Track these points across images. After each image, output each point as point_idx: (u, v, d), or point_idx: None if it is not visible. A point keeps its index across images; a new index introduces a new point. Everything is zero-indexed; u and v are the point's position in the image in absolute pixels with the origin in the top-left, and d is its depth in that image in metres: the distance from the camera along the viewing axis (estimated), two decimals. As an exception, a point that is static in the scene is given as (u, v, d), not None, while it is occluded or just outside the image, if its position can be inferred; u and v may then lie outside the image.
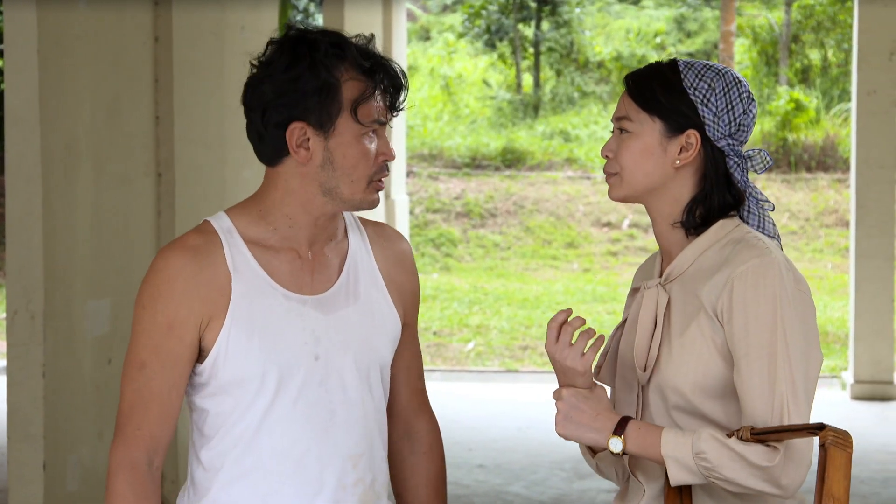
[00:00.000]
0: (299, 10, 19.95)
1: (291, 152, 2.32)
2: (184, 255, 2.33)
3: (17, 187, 4.80)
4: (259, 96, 2.34)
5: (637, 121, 2.34)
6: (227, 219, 2.39)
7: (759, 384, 2.21)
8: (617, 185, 2.37)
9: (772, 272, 2.24)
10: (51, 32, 4.80)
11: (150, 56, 5.67)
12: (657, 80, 2.35)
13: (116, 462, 2.32)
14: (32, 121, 4.76)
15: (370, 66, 2.32)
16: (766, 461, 2.18)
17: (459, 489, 6.79)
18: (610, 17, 24.46)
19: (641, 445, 2.25)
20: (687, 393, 2.28)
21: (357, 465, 2.41)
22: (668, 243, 2.38)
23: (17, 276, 4.81)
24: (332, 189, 2.34)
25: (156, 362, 2.32)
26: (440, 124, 20.50)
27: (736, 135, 2.34)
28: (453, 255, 16.77)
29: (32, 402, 4.80)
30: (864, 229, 9.22)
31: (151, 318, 2.31)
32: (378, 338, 2.44)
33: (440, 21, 25.68)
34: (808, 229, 17.06)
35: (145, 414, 2.32)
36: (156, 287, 2.32)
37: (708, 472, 2.19)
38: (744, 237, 2.32)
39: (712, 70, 2.35)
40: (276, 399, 2.34)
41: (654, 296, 2.35)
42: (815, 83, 20.73)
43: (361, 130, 2.32)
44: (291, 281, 2.37)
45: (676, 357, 2.29)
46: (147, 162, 5.64)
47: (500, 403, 9.12)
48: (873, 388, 9.18)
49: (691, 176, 2.35)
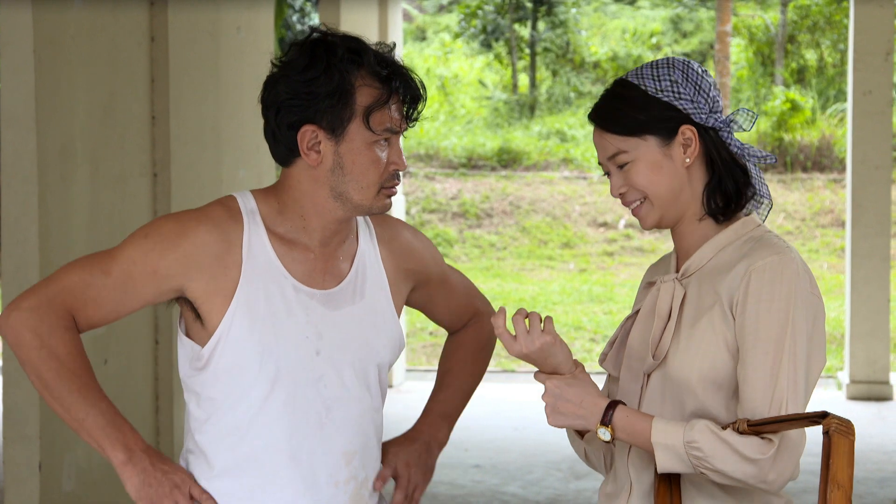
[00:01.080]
0: (295, 10, 19.94)
1: (302, 154, 2.33)
2: (206, 223, 2.34)
3: (13, 187, 4.79)
4: (274, 95, 2.34)
5: (630, 149, 2.34)
6: (252, 201, 2.40)
7: (762, 377, 2.23)
8: (649, 211, 2.37)
9: (790, 270, 2.26)
10: (46, 32, 4.79)
11: (146, 56, 5.67)
12: (625, 105, 2.35)
13: (24, 306, 2.30)
14: (28, 121, 4.75)
15: (387, 74, 2.33)
16: (759, 454, 2.19)
17: (455, 489, 6.79)
18: (606, 18, 24.46)
19: (630, 433, 2.25)
20: (693, 383, 2.29)
21: (350, 463, 2.42)
22: (688, 242, 2.39)
23: (13, 275, 4.80)
24: (342, 193, 2.35)
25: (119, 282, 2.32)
26: (436, 124, 20.50)
27: (714, 108, 2.36)
28: (449, 256, 16.77)
29: (28, 402, 4.79)
30: (860, 229, 9.22)
31: (145, 252, 2.32)
32: (378, 339, 2.45)
33: (436, 21, 25.68)
34: (804, 229, 17.07)
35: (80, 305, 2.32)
36: (167, 232, 2.33)
37: (698, 461, 2.20)
38: (763, 235, 2.34)
39: (662, 66, 2.36)
40: (272, 391, 2.35)
41: (670, 289, 2.36)
42: (810, 83, 20.74)
43: (373, 138, 2.32)
44: (303, 274, 2.38)
45: (685, 348, 2.30)
46: (143, 162, 5.64)
47: (496, 403, 9.12)
48: (869, 388, 9.18)
49: (700, 167, 2.36)
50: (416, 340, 12.56)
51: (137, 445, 2.32)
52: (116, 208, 5.40)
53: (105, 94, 5.30)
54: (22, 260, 4.79)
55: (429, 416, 2.64)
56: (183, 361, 2.42)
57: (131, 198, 5.54)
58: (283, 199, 2.39)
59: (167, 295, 2.35)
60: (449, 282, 2.64)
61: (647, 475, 2.35)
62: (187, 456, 2.43)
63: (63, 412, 2.31)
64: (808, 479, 5.52)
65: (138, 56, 5.60)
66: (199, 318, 2.35)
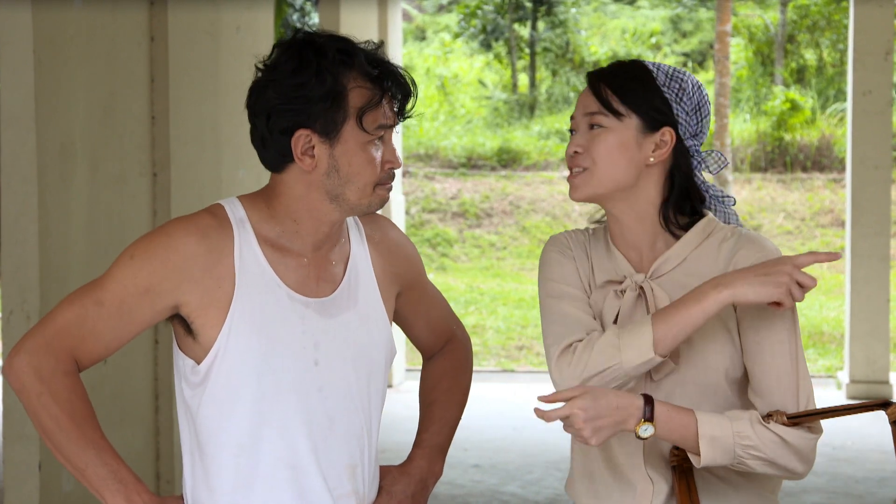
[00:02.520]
0: (295, 10, 19.94)
1: (296, 159, 2.28)
2: (195, 233, 2.29)
3: (13, 187, 4.79)
4: (264, 101, 2.28)
5: (612, 116, 2.33)
6: (241, 208, 2.35)
7: (784, 369, 2.27)
8: (586, 181, 2.34)
9: None
10: (46, 32, 4.79)
11: (146, 56, 5.67)
12: (632, 78, 2.35)
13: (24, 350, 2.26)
14: (28, 120, 4.75)
15: (378, 73, 2.28)
16: (805, 444, 2.25)
17: (455, 489, 6.79)
18: (605, 18, 24.46)
19: (672, 428, 2.23)
20: (722, 383, 2.30)
21: (353, 476, 2.38)
22: (641, 241, 2.38)
23: (12, 275, 4.80)
24: (338, 196, 2.30)
25: (114, 309, 2.27)
26: (436, 124, 20.50)
27: (699, 135, 2.37)
28: (449, 255, 16.77)
29: (28, 402, 4.79)
30: (859, 229, 9.22)
31: (134, 273, 2.26)
32: (373, 346, 2.41)
33: (436, 21, 25.67)
34: (803, 229, 17.07)
35: (77, 342, 2.28)
36: (153, 248, 2.27)
37: (746, 450, 2.22)
38: (738, 231, 2.35)
39: (679, 72, 2.37)
40: (273, 404, 2.30)
41: (649, 290, 2.34)
42: (810, 83, 20.74)
43: (367, 138, 2.28)
44: (297, 282, 2.33)
45: (701, 349, 2.30)
46: (143, 162, 5.64)
47: (495, 403, 9.12)
48: (869, 388, 9.18)
49: (659, 175, 2.36)
50: (416, 340, 12.55)
51: (140, 497, 2.27)
52: (116, 208, 5.40)
53: (105, 94, 5.30)
54: (21, 260, 4.79)
55: (424, 448, 2.57)
56: (179, 379, 2.37)
57: (131, 198, 5.53)
58: (274, 205, 2.34)
59: (164, 313, 2.29)
60: (429, 293, 2.59)
61: (666, 477, 2.34)
62: (188, 480, 2.37)
63: (64, 460, 2.27)
64: (807, 479, 5.52)
65: (138, 56, 5.60)
66: (192, 333, 2.30)
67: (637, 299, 2.35)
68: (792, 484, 6.58)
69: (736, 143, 18.54)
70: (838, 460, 7.21)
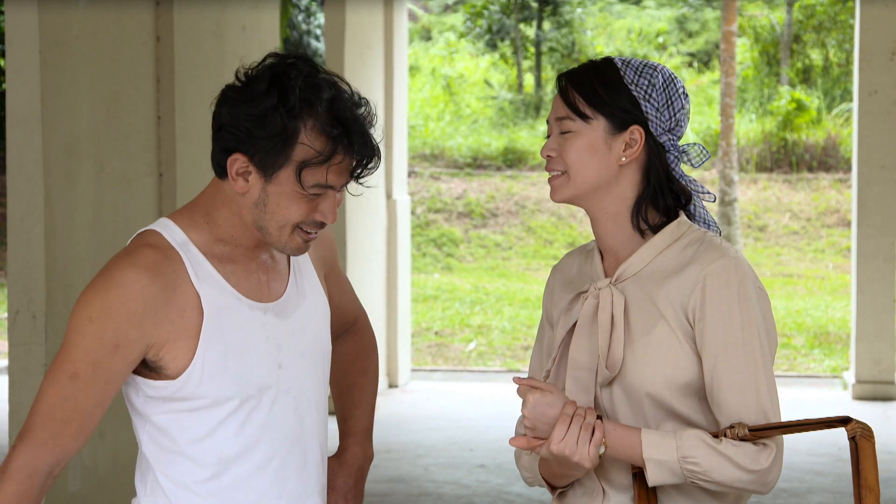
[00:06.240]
0: (301, 10, 19.94)
1: (230, 179, 2.23)
2: (145, 274, 2.19)
3: (19, 187, 4.80)
4: (218, 114, 2.24)
5: (579, 119, 2.32)
6: (178, 230, 2.28)
7: (740, 382, 2.21)
8: (563, 185, 2.33)
9: (741, 272, 2.24)
10: (52, 32, 4.80)
11: (152, 56, 5.67)
12: (597, 78, 2.33)
13: (16, 466, 2.18)
14: (33, 121, 4.76)
15: (337, 133, 2.19)
16: (757, 463, 2.18)
17: (460, 489, 6.79)
18: (611, 17, 24.47)
19: (620, 448, 2.21)
20: (661, 392, 2.25)
21: (322, 472, 2.39)
22: (615, 242, 2.35)
23: (18, 276, 4.81)
24: (261, 228, 2.25)
25: (90, 377, 2.19)
26: (441, 124, 20.51)
27: (675, 130, 2.34)
28: (455, 256, 16.78)
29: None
30: (865, 229, 9.21)
31: (98, 334, 2.18)
32: (323, 334, 2.40)
33: (441, 21, 25.69)
34: (809, 229, 17.06)
35: (64, 426, 2.20)
36: (109, 304, 2.18)
37: (693, 475, 2.18)
38: (704, 238, 2.31)
39: (650, 67, 2.34)
40: (250, 414, 2.28)
41: (608, 296, 2.30)
42: (816, 83, 20.73)
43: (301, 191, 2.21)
44: (252, 290, 2.30)
45: (643, 357, 2.26)
46: (148, 162, 5.65)
47: (501, 403, 9.12)
48: (874, 388, 9.17)
49: (635, 173, 2.33)
50: (422, 340, 12.57)
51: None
52: (121, 208, 5.41)
53: (110, 94, 5.30)
54: (27, 260, 4.80)
55: (356, 436, 2.57)
56: (134, 392, 2.29)
57: (136, 197, 5.54)
58: (213, 215, 2.29)
59: (136, 362, 2.22)
60: (342, 274, 2.57)
61: (620, 480, 2.30)
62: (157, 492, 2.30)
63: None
64: (812, 479, 5.52)
65: (143, 56, 5.61)
66: (155, 369, 2.24)
67: (597, 306, 2.32)
68: (796, 484, 6.58)
69: (742, 143, 18.53)
70: (843, 461, 7.20)
